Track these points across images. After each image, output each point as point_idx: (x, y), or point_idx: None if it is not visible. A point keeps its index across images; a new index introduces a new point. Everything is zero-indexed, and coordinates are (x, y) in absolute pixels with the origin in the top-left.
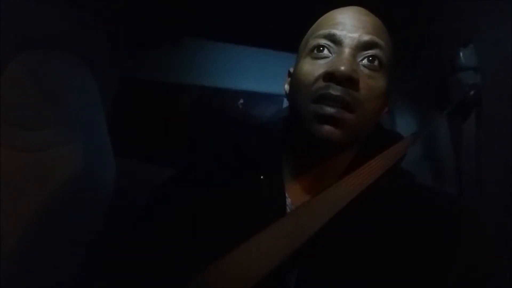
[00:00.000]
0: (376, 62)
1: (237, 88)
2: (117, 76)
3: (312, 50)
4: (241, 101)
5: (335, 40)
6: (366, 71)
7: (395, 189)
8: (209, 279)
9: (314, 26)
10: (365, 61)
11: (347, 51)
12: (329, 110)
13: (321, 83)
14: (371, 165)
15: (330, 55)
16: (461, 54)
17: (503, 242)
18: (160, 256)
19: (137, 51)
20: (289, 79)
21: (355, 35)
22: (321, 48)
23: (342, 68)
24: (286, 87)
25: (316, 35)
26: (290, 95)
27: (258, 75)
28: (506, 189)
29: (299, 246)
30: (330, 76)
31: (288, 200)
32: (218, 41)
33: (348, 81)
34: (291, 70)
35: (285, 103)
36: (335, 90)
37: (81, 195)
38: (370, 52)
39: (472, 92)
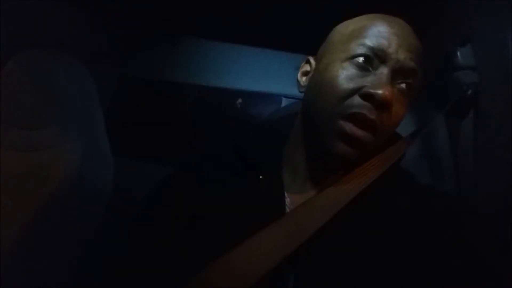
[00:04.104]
0: (409, 90)
1: (235, 88)
2: (116, 75)
3: (353, 58)
4: (240, 100)
5: (380, 57)
6: (398, 95)
7: (394, 188)
8: (208, 278)
9: (356, 28)
10: (400, 86)
11: (389, 73)
12: (358, 132)
13: (356, 100)
14: (370, 164)
15: (370, 69)
16: (458, 53)
17: (502, 240)
18: (159, 255)
19: (135, 50)
20: (307, 69)
21: (400, 57)
22: (365, 60)
23: (386, 93)
24: (303, 79)
25: (361, 43)
26: (310, 95)
27: (256, 75)
28: (504, 187)
29: (298, 246)
30: (370, 97)
31: (287, 200)
32: (216, 41)
33: (386, 106)
34: (312, 60)
35: (284, 102)
36: (371, 113)
37: (80, 194)
38: (408, 80)
39: (469, 91)
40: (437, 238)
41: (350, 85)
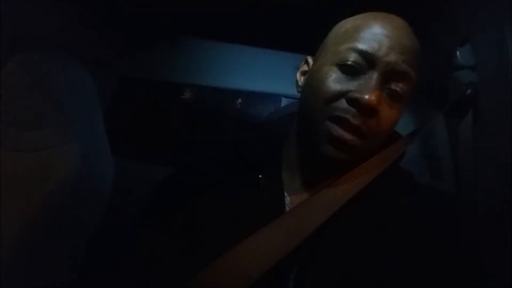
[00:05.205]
0: (401, 93)
1: (235, 88)
2: (116, 75)
3: (341, 62)
4: (240, 100)
5: (370, 60)
6: (388, 99)
7: (393, 188)
8: (208, 277)
9: (348, 30)
10: (391, 90)
11: (377, 77)
12: (345, 135)
13: (342, 103)
14: (370, 164)
15: (359, 73)
16: (458, 52)
17: (501, 240)
18: (159, 255)
19: (135, 50)
20: (305, 69)
21: (391, 60)
22: (352, 64)
23: (372, 98)
24: (301, 79)
25: (351, 47)
26: (304, 95)
27: (256, 75)
28: (503, 187)
29: (298, 245)
30: (355, 102)
31: (287, 199)
32: (216, 41)
33: (371, 111)
34: (310, 60)
35: (284, 102)
36: (355, 119)
37: (80, 194)
38: (399, 83)
39: (469, 91)
40: (435, 237)
41: (337, 88)
